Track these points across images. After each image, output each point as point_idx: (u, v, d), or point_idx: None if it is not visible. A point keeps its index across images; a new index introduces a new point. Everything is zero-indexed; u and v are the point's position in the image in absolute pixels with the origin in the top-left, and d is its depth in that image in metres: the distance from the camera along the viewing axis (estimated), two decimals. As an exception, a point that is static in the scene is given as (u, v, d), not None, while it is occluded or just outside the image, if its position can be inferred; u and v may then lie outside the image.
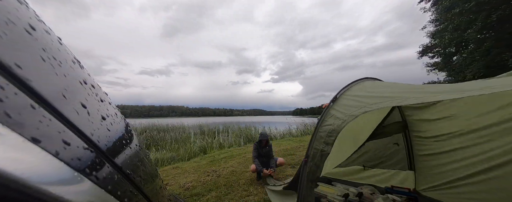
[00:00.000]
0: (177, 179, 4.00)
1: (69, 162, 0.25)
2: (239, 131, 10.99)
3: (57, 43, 0.39)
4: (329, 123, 1.65)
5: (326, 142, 1.56)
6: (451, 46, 12.77)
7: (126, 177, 0.42)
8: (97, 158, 0.33)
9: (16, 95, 0.21)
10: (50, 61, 0.32)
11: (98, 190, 0.29)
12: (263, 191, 3.10)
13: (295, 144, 7.12)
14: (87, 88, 0.43)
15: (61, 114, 0.28)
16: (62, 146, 0.25)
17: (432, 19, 14.37)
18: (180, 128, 11.91)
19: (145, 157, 0.66)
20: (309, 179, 1.56)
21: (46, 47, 0.33)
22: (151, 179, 0.64)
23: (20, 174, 0.18)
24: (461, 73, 12.60)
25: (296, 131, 11.16)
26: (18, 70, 0.23)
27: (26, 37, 0.28)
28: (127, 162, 0.46)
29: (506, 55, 9.53)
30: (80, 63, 0.47)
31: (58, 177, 0.23)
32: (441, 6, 12.26)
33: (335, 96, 1.94)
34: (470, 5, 9.82)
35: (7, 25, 0.24)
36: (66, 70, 0.36)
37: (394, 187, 2.60)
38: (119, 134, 0.50)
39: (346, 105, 1.75)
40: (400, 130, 2.65)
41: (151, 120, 15.74)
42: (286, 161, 4.81)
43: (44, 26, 0.37)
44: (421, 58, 16.24)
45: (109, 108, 0.52)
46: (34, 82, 0.24)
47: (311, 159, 1.59)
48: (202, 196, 3.08)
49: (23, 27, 0.28)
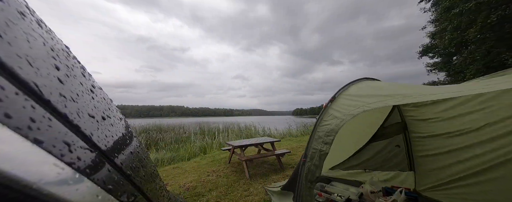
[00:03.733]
0: (177, 179, 3.99)
1: (70, 162, 0.25)
2: (239, 131, 11.00)
3: (53, 40, 0.39)
4: (328, 122, 1.65)
5: (324, 142, 1.56)
6: (451, 46, 12.77)
7: (126, 177, 0.42)
8: (97, 158, 0.33)
9: (17, 96, 0.21)
10: (50, 61, 0.32)
11: (98, 190, 0.30)
12: (263, 191, 3.10)
13: (295, 144, 7.12)
14: (87, 88, 0.43)
15: (61, 114, 0.28)
16: (62, 146, 0.25)
17: (432, 19, 14.39)
18: (180, 128, 11.91)
19: (145, 157, 0.66)
20: (308, 179, 1.56)
21: (46, 46, 0.33)
22: (151, 179, 0.64)
23: (20, 174, 0.18)
24: (461, 73, 12.60)
25: (296, 131, 11.17)
26: (19, 71, 0.23)
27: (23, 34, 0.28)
28: (127, 162, 0.46)
29: (506, 55, 9.53)
30: (79, 63, 0.47)
31: (58, 177, 0.23)
32: (441, 6, 12.26)
33: (333, 96, 1.94)
34: (470, 5, 9.82)
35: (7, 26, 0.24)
36: (66, 70, 0.36)
37: (394, 187, 2.60)
38: (119, 134, 0.50)
39: (344, 104, 1.75)
40: (400, 130, 2.65)
41: (151, 120, 15.73)
42: (286, 161, 4.81)
43: (37, 17, 0.36)
44: (421, 58, 16.26)
45: (109, 108, 0.52)
46: (34, 82, 0.25)
47: (309, 159, 1.59)
48: (202, 196, 3.08)
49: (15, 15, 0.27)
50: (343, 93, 1.95)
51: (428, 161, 2.47)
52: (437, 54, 15.08)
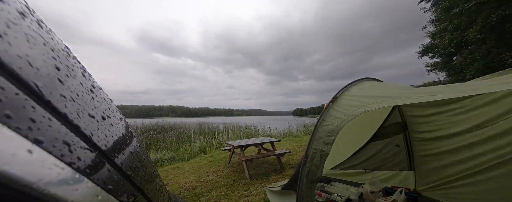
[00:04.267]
0: (177, 179, 3.99)
1: (70, 162, 0.25)
2: (239, 131, 11.00)
3: (53, 40, 0.39)
4: (329, 122, 1.65)
5: (325, 142, 1.56)
6: (451, 46, 12.76)
7: (126, 177, 0.42)
8: (97, 158, 0.33)
9: (17, 96, 0.21)
10: (50, 61, 0.32)
11: (98, 190, 0.30)
12: (263, 191, 3.10)
13: (295, 144, 7.12)
14: (87, 88, 0.43)
15: (62, 114, 0.28)
16: (62, 146, 0.25)
17: (432, 19, 14.38)
18: (180, 128, 11.91)
19: (145, 157, 0.66)
20: (309, 179, 1.56)
21: (45, 45, 0.33)
22: (151, 179, 0.64)
23: (20, 174, 0.18)
24: (461, 73, 12.60)
25: (296, 131, 11.17)
26: (19, 71, 0.23)
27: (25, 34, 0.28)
28: (127, 162, 0.46)
29: (506, 55, 9.53)
30: (80, 63, 0.47)
31: (58, 177, 0.23)
32: (441, 6, 12.26)
33: (334, 97, 1.94)
34: (470, 5, 9.81)
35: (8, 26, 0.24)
36: (67, 71, 0.36)
37: (394, 187, 2.60)
38: (119, 134, 0.50)
39: (345, 104, 1.75)
40: (400, 130, 2.65)
41: (151, 120, 15.72)
42: (286, 161, 4.81)
43: (37, 17, 0.36)
44: (421, 58, 16.26)
45: (109, 108, 0.52)
46: (34, 83, 0.25)
47: (310, 159, 1.59)
48: (202, 196, 3.08)
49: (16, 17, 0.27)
50: (345, 94, 1.95)
51: (428, 161, 2.46)
52: (437, 54, 15.07)
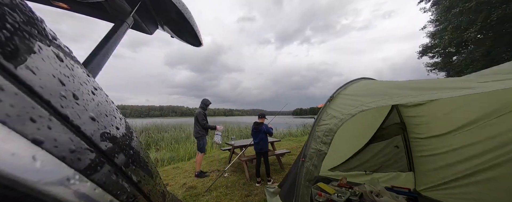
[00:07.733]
0: (177, 179, 3.99)
1: (70, 162, 0.25)
2: (239, 131, 11.00)
3: (52, 39, 0.39)
4: (326, 122, 1.64)
5: (323, 142, 1.55)
6: (451, 46, 12.77)
7: (126, 178, 0.42)
8: (97, 158, 0.33)
9: (16, 96, 0.22)
10: (50, 60, 0.32)
11: (98, 190, 0.30)
12: (263, 191, 3.10)
13: (295, 144, 7.13)
14: (87, 89, 0.43)
15: (62, 114, 0.28)
16: (62, 147, 0.26)
17: (432, 19, 14.38)
18: (180, 128, 11.91)
19: (145, 157, 0.66)
20: (307, 179, 1.56)
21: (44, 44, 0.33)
22: (151, 179, 0.64)
23: (20, 174, 0.18)
24: (461, 73, 12.62)
25: (296, 130, 11.17)
26: (19, 71, 0.23)
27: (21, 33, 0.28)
28: (127, 162, 0.46)
29: (506, 55, 9.53)
30: (80, 63, 0.47)
31: (58, 177, 0.23)
32: (441, 6, 12.26)
33: (331, 96, 1.93)
34: (470, 5, 9.81)
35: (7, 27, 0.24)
36: (67, 71, 0.36)
37: (394, 187, 2.60)
38: (120, 134, 0.50)
39: (343, 103, 1.74)
40: (399, 131, 2.65)
41: (151, 120, 15.71)
42: (286, 161, 4.81)
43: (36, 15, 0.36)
44: (421, 58, 16.26)
45: (110, 108, 0.52)
46: (34, 82, 0.25)
47: (308, 159, 1.59)
48: (202, 196, 3.08)
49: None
50: (342, 93, 1.93)
51: (427, 161, 2.46)
52: (437, 54, 15.07)
